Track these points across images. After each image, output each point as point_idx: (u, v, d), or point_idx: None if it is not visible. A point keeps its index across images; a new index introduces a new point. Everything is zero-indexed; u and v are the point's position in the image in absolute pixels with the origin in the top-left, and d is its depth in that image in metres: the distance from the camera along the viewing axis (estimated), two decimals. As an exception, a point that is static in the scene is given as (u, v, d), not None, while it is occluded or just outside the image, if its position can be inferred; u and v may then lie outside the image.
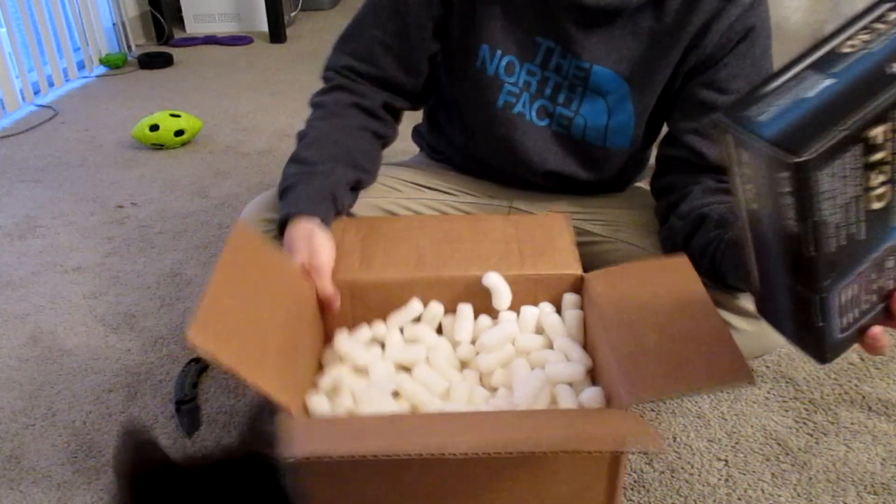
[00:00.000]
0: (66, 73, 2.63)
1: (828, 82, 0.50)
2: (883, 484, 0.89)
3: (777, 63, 0.95)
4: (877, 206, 0.51)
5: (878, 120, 0.48)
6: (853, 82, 0.50)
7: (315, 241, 0.86)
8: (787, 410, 1.01)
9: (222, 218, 1.61)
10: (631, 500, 0.89)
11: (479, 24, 1.00)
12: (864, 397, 1.03)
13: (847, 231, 0.51)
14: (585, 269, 1.13)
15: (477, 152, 1.11)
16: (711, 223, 0.88)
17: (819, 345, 0.57)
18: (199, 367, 1.12)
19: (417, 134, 1.26)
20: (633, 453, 0.94)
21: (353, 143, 1.00)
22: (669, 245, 0.99)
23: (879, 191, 0.51)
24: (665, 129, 1.04)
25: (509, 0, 0.99)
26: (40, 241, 1.54)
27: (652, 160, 1.11)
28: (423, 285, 0.90)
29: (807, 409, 1.01)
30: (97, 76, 2.72)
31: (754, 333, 0.96)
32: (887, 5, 0.53)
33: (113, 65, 2.79)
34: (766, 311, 0.65)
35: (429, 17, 0.98)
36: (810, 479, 0.91)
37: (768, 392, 1.05)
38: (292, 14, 3.39)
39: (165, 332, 1.23)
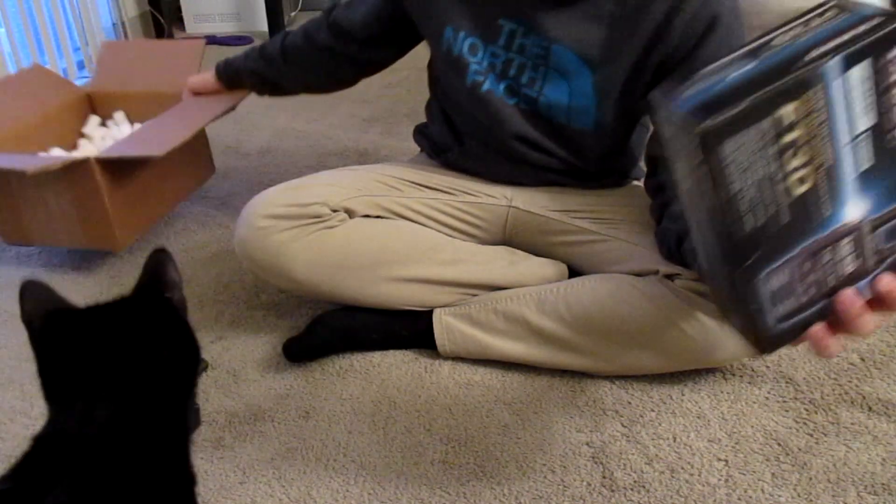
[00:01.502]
0: (66, 73, 2.62)
1: (750, 66, 0.52)
2: (883, 484, 0.89)
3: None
4: (800, 190, 0.51)
5: (788, 97, 0.48)
6: (771, 65, 0.51)
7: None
8: (787, 410, 1.01)
9: (222, 218, 1.61)
10: (631, 500, 0.89)
11: (439, 7, 1.04)
12: (864, 397, 1.03)
13: (765, 211, 0.52)
14: (583, 269, 1.14)
15: (460, 124, 1.15)
16: None
17: (755, 332, 0.57)
18: (198, 367, 1.12)
19: (419, 133, 1.27)
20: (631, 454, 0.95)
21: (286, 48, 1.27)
22: (665, 247, 0.99)
23: (800, 174, 0.51)
24: (653, 129, 1.04)
25: None
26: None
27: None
28: None
29: (807, 409, 1.01)
30: (97, 76, 2.72)
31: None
32: (828, 5, 0.54)
33: (113, 65, 2.79)
34: (715, 298, 0.65)
35: None
36: (810, 479, 0.91)
37: (768, 392, 1.05)
38: (292, 14, 3.38)
39: (165, 332, 1.23)
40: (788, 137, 0.50)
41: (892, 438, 0.96)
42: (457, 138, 1.16)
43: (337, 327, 1.13)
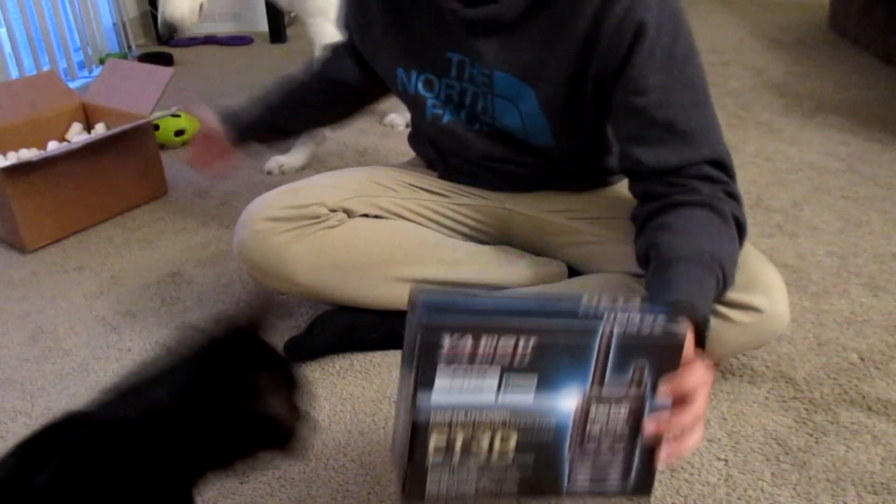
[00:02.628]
0: (66, 74, 2.63)
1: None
2: (883, 484, 0.89)
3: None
4: (511, 443, 0.60)
5: (425, 436, 0.57)
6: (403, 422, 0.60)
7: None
8: (787, 410, 1.01)
9: (222, 218, 1.61)
10: (631, 499, 0.89)
11: (385, 52, 1.06)
12: (864, 397, 1.03)
13: (516, 467, 0.61)
14: (582, 268, 1.14)
15: (438, 146, 1.18)
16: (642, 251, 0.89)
17: (616, 495, 0.64)
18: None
19: (413, 139, 1.28)
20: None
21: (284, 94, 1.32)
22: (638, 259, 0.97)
23: (497, 439, 0.59)
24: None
25: (410, 23, 1.01)
26: (40, 241, 1.54)
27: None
28: None
29: (807, 409, 1.01)
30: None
31: (753, 325, 0.96)
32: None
33: (113, 65, 2.79)
34: None
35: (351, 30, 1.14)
36: (810, 478, 0.91)
37: (768, 392, 1.05)
38: (292, 14, 3.38)
39: (165, 332, 1.23)
40: (458, 445, 0.58)
41: (892, 438, 0.96)
42: (440, 155, 1.18)
43: (337, 327, 1.14)
